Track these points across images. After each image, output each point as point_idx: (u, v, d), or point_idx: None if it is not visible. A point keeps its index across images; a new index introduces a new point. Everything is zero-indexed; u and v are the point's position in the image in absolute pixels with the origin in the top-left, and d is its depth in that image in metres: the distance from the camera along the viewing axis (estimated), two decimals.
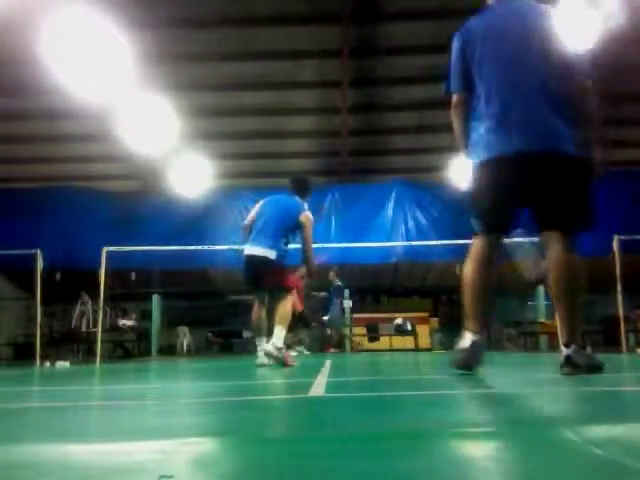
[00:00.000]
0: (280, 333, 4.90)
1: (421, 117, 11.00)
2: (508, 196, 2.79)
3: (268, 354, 4.86)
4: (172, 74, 9.57)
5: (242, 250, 5.32)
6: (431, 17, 8.53)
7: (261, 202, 5.46)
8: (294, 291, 10.41)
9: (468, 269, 2.86)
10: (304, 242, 5.25)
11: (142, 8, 8.02)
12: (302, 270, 5.70)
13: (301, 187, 5.47)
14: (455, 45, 2.99)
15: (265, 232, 5.16)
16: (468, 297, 2.85)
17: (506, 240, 3.84)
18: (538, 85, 2.77)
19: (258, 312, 5.23)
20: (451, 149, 12.04)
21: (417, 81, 9.90)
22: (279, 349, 4.83)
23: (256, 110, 10.93)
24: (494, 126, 2.77)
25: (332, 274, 11.70)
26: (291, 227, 5.25)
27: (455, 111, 3.00)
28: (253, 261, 5.12)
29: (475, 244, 2.88)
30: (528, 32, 2.86)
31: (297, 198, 5.39)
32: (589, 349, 3.02)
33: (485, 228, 2.87)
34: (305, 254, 5.27)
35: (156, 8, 8.18)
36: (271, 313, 5.24)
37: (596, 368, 2.71)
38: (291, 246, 5.45)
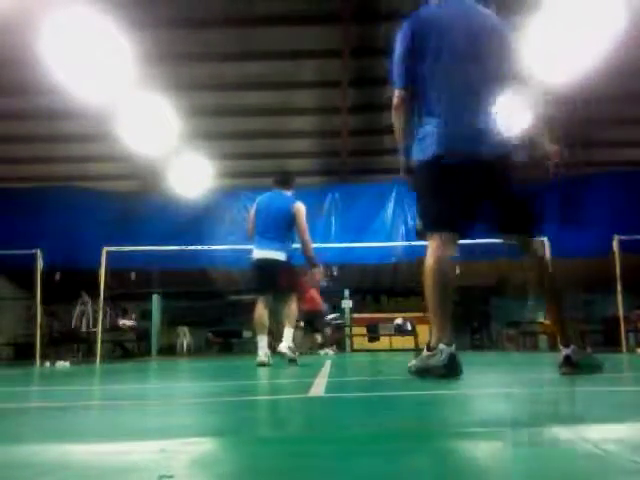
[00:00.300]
0: (290, 334, 5.18)
1: None
2: (462, 193, 2.68)
3: (283, 355, 5.07)
4: (172, 74, 9.56)
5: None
6: None
7: (255, 204, 5.53)
8: (313, 290, 10.39)
9: (428, 274, 2.66)
10: (299, 231, 5.28)
11: (142, 8, 8.01)
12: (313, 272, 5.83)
13: (284, 180, 5.58)
14: (403, 37, 2.84)
15: (269, 234, 5.24)
16: (433, 304, 2.66)
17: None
18: (490, 87, 2.74)
19: (262, 311, 5.24)
20: None
21: None
22: (291, 348, 5.12)
23: (256, 110, 10.92)
24: (445, 124, 2.70)
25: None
26: (290, 222, 5.30)
27: (400, 109, 2.86)
28: (264, 264, 5.20)
29: (432, 246, 2.72)
30: (480, 33, 2.81)
31: (286, 193, 5.48)
32: (589, 349, 3.01)
33: (440, 227, 2.74)
34: (302, 243, 5.32)
35: (156, 8, 8.17)
36: (275, 313, 5.38)
37: (596, 368, 2.70)
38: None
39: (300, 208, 5.27)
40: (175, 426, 1.45)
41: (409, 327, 12.99)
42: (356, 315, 13.71)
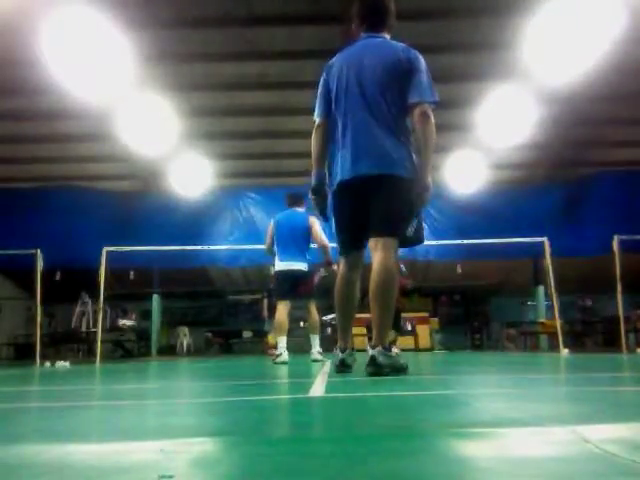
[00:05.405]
0: (317, 341, 6.11)
1: None
2: (353, 215, 3.11)
3: (315, 360, 5.76)
4: (172, 74, 9.56)
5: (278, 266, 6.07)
6: (431, 17, 8.51)
7: (273, 223, 6.24)
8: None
9: (336, 290, 3.24)
10: (318, 239, 6.05)
11: (142, 8, 8.01)
12: (322, 270, 6.54)
13: (298, 200, 6.30)
14: (322, 77, 3.31)
15: (293, 248, 5.99)
16: (337, 315, 3.37)
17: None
18: (379, 116, 3.03)
19: (283, 316, 5.94)
20: (450, 149, 12.10)
21: None
22: (321, 353, 5.96)
23: (256, 110, 10.92)
24: (345, 154, 3.07)
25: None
26: (307, 235, 6.08)
27: (315, 134, 3.26)
28: (290, 275, 5.94)
29: (340, 266, 3.28)
30: (374, 68, 3.09)
31: (300, 210, 6.23)
32: (396, 351, 3.31)
33: (343, 249, 3.24)
34: (322, 247, 6.06)
35: (156, 8, 8.16)
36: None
37: (400, 370, 2.99)
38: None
39: (315, 220, 6.01)
40: (175, 426, 1.45)
41: (409, 327, 12.99)
42: (356, 315, 13.70)
